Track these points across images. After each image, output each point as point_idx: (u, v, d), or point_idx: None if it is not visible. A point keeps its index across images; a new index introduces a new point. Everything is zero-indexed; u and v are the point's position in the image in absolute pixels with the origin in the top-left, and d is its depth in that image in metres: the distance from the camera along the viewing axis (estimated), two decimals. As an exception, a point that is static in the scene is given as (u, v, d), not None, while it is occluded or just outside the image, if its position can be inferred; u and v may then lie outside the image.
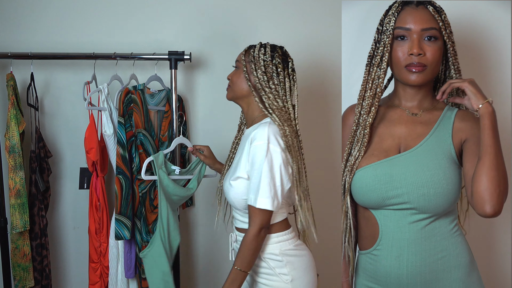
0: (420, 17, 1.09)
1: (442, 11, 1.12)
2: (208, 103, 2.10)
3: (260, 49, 1.35)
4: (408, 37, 1.10)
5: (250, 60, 1.34)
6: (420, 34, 1.09)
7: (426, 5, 1.11)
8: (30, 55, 1.85)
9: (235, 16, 2.07)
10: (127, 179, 1.79)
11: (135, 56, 1.88)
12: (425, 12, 1.10)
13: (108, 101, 1.83)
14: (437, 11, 1.11)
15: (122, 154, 1.77)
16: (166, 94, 1.95)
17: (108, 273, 1.89)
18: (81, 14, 2.03)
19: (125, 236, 1.78)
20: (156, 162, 1.62)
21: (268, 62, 1.32)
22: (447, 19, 1.11)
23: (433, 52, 1.09)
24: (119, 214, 1.78)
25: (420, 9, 1.10)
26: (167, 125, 1.90)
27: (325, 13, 2.09)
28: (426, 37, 1.09)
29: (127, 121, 1.80)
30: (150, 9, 2.05)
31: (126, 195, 1.79)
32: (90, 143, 1.79)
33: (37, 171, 1.86)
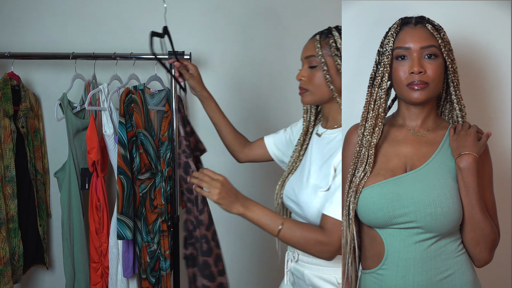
0: (419, 36, 1.08)
1: (441, 29, 1.12)
2: (208, 103, 2.10)
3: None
4: (408, 56, 1.09)
5: (333, 53, 1.13)
6: (420, 53, 1.07)
7: (424, 24, 1.10)
8: (30, 55, 1.85)
9: (235, 16, 2.08)
10: (128, 179, 1.79)
11: (135, 56, 1.88)
12: (423, 31, 1.09)
13: (108, 101, 1.83)
14: (436, 29, 1.08)
15: (123, 154, 1.78)
16: (166, 94, 1.95)
17: (108, 273, 1.89)
18: (81, 14, 2.03)
19: (127, 236, 1.78)
20: (62, 103, 1.78)
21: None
22: (446, 36, 1.11)
23: (434, 69, 1.07)
24: (121, 214, 1.78)
25: (418, 28, 1.10)
26: (167, 125, 1.91)
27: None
28: (426, 55, 1.08)
29: (127, 121, 1.80)
30: (150, 9, 2.05)
31: (127, 195, 1.79)
32: (91, 143, 1.79)
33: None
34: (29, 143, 1.93)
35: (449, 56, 1.10)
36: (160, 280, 1.90)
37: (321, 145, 1.20)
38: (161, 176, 1.88)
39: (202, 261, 1.25)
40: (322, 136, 1.22)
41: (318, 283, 1.16)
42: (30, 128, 1.94)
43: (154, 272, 1.89)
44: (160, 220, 1.88)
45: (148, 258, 1.87)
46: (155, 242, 1.88)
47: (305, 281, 1.19)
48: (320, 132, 1.23)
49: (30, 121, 1.94)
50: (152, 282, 1.89)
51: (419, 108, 1.17)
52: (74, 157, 1.85)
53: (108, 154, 1.85)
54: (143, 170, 1.85)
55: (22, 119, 1.89)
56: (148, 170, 1.87)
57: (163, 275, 1.89)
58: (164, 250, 1.88)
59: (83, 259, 1.90)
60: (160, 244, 1.88)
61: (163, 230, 1.88)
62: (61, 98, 1.81)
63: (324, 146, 1.19)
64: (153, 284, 1.89)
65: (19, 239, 1.88)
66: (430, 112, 1.18)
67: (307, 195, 1.15)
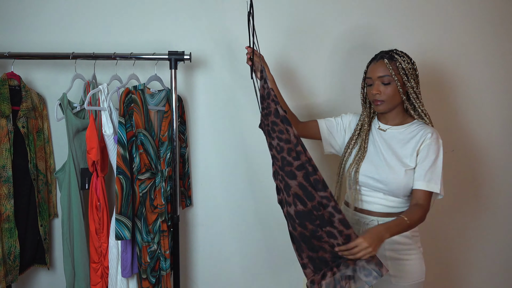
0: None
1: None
2: (208, 103, 2.10)
3: (404, 59, 1.53)
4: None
5: (401, 72, 1.52)
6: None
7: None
8: (30, 55, 1.85)
9: (235, 16, 2.07)
10: (127, 179, 1.79)
11: (135, 56, 1.88)
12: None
13: (108, 101, 1.83)
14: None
15: (122, 154, 1.78)
16: (166, 94, 1.95)
17: (108, 273, 1.89)
18: (81, 14, 2.03)
19: (126, 236, 1.78)
20: (62, 103, 1.80)
21: (413, 69, 1.54)
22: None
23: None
24: (120, 214, 1.78)
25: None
26: (167, 125, 1.90)
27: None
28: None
29: (127, 121, 1.80)
30: (150, 9, 2.05)
31: (126, 195, 1.79)
32: (91, 143, 1.79)
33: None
34: (30, 143, 1.92)
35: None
36: (160, 280, 1.90)
37: (388, 138, 1.59)
38: (161, 176, 1.88)
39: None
40: (387, 132, 1.61)
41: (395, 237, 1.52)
42: (32, 128, 1.94)
43: (154, 272, 1.89)
44: (160, 220, 1.88)
45: (148, 258, 1.87)
46: (155, 242, 1.88)
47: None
48: (385, 128, 1.62)
49: (32, 121, 1.94)
50: (152, 282, 1.89)
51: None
52: (74, 157, 1.85)
53: (108, 154, 1.85)
54: (143, 170, 1.85)
55: (22, 119, 1.89)
56: (148, 170, 1.87)
57: (163, 275, 1.89)
58: (164, 250, 1.88)
59: (83, 259, 1.90)
60: (160, 244, 1.88)
61: (163, 230, 1.88)
62: (61, 98, 1.81)
63: (391, 138, 1.58)
64: (153, 284, 1.89)
65: (15, 239, 1.88)
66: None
67: (393, 173, 1.51)
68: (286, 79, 2.09)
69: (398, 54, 1.53)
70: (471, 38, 2.12)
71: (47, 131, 2.03)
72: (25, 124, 1.90)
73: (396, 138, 1.58)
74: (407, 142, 1.55)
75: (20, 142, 1.90)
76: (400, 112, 1.60)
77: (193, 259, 2.20)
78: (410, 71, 1.52)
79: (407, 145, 1.54)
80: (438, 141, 1.51)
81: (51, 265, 2.14)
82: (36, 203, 1.95)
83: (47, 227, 2.01)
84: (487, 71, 2.16)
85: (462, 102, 2.16)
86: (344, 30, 2.06)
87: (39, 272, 2.17)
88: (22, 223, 1.93)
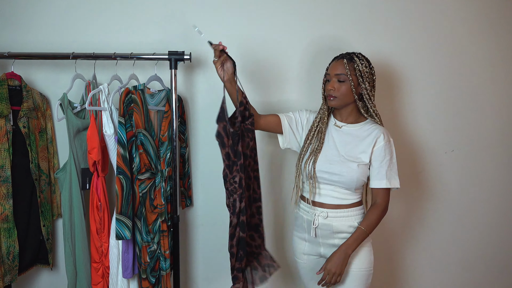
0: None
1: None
2: (208, 103, 2.10)
3: (362, 62, 1.64)
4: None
5: (357, 74, 1.63)
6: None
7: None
8: (30, 55, 1.85)
9: (235, 16, 2.07)
10: (127, 179, 1.79)
11: (135, 56, 1.88)
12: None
13: (108, 101, 1.83)
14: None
15: (122, 154, 1.78)
16: (166, 94, 1.95)
17: (109, 273, 1.90)
18: (81, 14, 2.03)
19: (126, 236, 1.78)
20: (63, 103, 1.81)
21: (370, 73, 1.65)
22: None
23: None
24: (120, 214, 1.78)
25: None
26: (167, 125, 1.90)
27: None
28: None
29: (127, 121, 1.80)
30: (150, 9, 2.05)
31: (126, 195, 1.79)
32: (92, 143, 1.79)
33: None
34: (32, 143, 1.92)
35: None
36: (160, 280, 1.90)
37: (343, 134, 1.69)
38: (161, 176, 1.88)
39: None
40: (342, 128, 1.71)
41: (343, 228, 1.65)
42: (33, 128, 1.94)
43: (154, 272, 1.89)
44: (160, 220, 1.88)
45: (148, 258, 1.87)
46: (155, 242, 1.88)
47: (332, 231, 1.66)
48: (340, 125, 1.72)
49: (33, 121, 1.94)
50: (152, 282, 1.89)
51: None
52: (74, 157, 1.85)
53: (108, 154, 1.85)
54: (143, 170, 1.85)
55: (23, 119, 1.89)
56: (148, 170, 1.87)
57: (163, 275, 1.89)
58: (164, 250, 1.88)
59: (85, 259, 1.90)
60: (160, 244, 1.88)
61: (163, 230, 1.88)
62: (62, 98, 1.81)
63: (347, 135, 1.69)
64: (153, 284, 1.89)
65: (14, 239, 1.88)
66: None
67: (347, 167, 1.62)
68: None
69: (358, 57, 1.65)
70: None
71: (51, 131, 2.03)
72: (26, 124, 1.90)
73: (352, 134, 1.69)
74: (362, 139, 1.66)
75: (21, 142, 1.90)
76: (355, 111, 1.71)
77: (193, 259, 2.20)
78: (366, 74, 1.64)
79: (362, 142, 1.66)
80: (390, 141, 1.65)
81: (54, 265, 2.14)
82: (38, 203, 1.95)
83: (50, 227, 2.02)
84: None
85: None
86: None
87: (41, 272, 2.17)
88: (23, 223, 1.93)
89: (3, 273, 1.86)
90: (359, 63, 1.64)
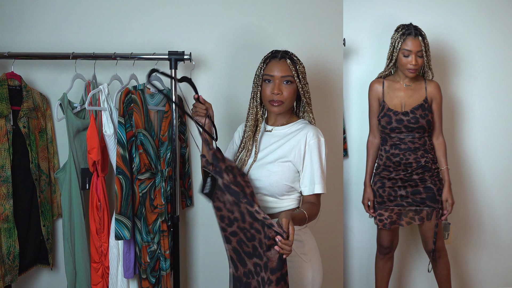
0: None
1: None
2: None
3: (301, 63, 1.54)
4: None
5: (300, 75, 1.53)
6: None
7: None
8: (30, 55, 1.85)
9: (235, 16, 2.07)
10: (127, 179, 1.79)
11: (135, 56, 1.88)
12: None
13: (108, 101, 1.83)
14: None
15: (122, 154, 1.78)
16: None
17: (109, 273, 1.90)
18: (81, 14, 2.03)
19: (125, 236, 1.78)
20: (63, 103, 1.81)
21: (305, 75, 1.55)
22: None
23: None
24: (119, 214, 1.78)
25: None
26: (167, 125, 1.90)
27: (326, 15, 2.10)
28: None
29: (127, 121, 1.80)
30: (150, 9, 2.05)
31: (126, 195, 1.79)
32: (92, 143, 1.79)
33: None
34: (32, 143, 1.92)
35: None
36: (160, 280, 1.90)
37: (273, 138, 1.56)
38: (161, 176, 1.88)
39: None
40: (272, 132, 1.59)
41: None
42: (33, 128, 1.94)
43: (154, 272, 1.89)
44: (160, 220, 1.88)
45: (148, 258, 1.87)
46: (155, 242, 1.88)
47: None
48: (270, 129, 1.59)
49: (34, 121, 1.94)
50: (152, 282, 1.89)
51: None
52: (74, 157, 1.85)
53: (108, 154, 1.85)
54: (143, 170, 1.85)
55: (23, 119, 1.89)
56: (148, 170, 1.87)
57: (163, 275, 1.89)
58: (164, 250, 1.88)
59: (84, 259, 1.90)
60: (160, 244, 1.88)
61: (163, 230, 1.88)
62: (61, 98, 1.81)
63: (274, 137, 1.56)
64: (153, 284, 1.89)
65: (15, 239, 1.88)
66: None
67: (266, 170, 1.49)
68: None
69: (296, 58, 1.55)
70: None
71: (51, 131, 2.03)
72: (26, 124, 1.90)
73: (278, 136, 1.56)
74: (289, 139, 1.53)
75: (21, 142, 1.90)
76: (289, 113, 1.59)
77: (193, 259, 2.20)
78: (304, 75, 1.55)
79: (288, 142, 1.52)
80: (320, 141, 1.50)
81: (54, 265, 2.14)
82: (38, 203, 1.95)
83: (50, 227, 2.01)
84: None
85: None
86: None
87: (41, 272, 2.17)
88: (23, 223, 1.93)
89: (3, 273, 1.86)
90: (299, 64, 1.54)
